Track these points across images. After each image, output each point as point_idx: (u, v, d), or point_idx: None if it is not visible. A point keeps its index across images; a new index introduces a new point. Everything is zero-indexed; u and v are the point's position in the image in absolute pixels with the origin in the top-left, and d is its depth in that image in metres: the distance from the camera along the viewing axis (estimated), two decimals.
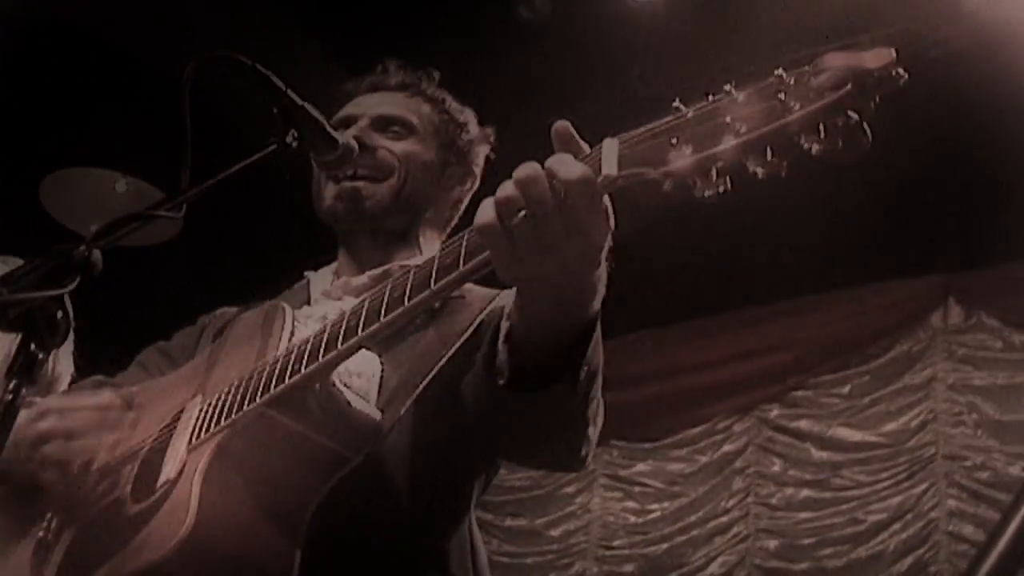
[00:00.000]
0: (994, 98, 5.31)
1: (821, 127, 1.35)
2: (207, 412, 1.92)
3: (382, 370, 1.99)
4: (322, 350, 1.77)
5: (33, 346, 1.61)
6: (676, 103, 1.47)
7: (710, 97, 1.45)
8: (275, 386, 1.80)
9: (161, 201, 1.87)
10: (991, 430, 6.49)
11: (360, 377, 1.96)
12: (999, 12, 5.14)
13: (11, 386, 1.59)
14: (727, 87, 1.44)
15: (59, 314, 1.63)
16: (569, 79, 5.78)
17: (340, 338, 1.76)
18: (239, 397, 1.86)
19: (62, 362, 2.90)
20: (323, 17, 5.72)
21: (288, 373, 1.80)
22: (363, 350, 1.86)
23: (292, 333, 1.97)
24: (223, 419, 1.85)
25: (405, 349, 2.02)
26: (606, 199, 1.54)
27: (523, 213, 1.51)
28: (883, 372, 6.87)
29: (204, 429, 1.89)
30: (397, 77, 2.53)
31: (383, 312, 1.72)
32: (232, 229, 6.37)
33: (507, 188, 1.53)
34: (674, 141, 1.43)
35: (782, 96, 1.37)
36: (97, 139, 5.91)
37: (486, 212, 1.54)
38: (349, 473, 1.86)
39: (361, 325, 1.74)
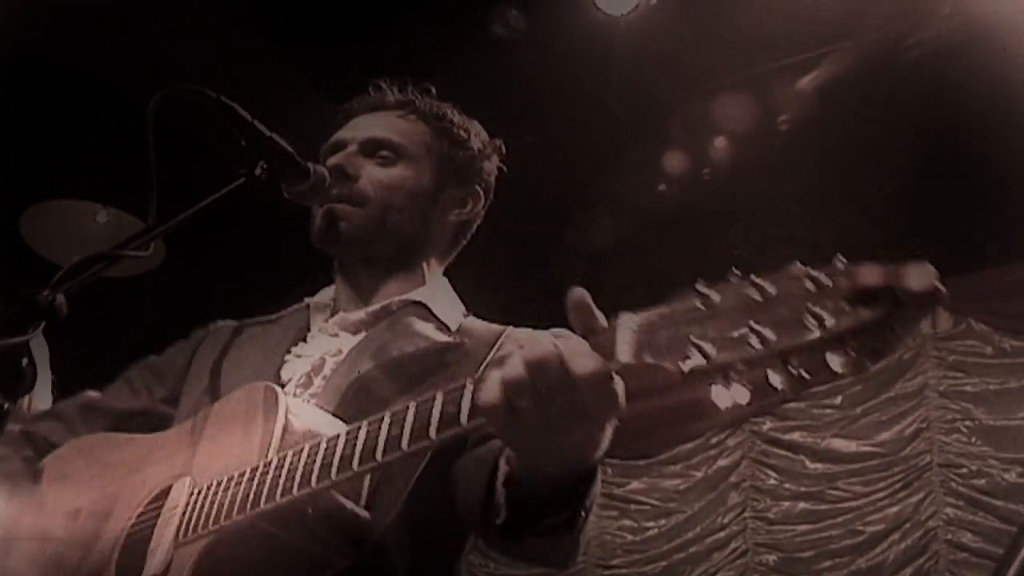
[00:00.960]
0: (982, 102, 5.29)
1: (850, 343, 1.25)
2: (195, 505, 1.87)
3: None
4: (315, 475, 1.72)
5: None
6: (699, 286, 1.37)
7: (739, 280, 1.35)
8: (267, 499, 1.75)
9: (130, 239, 1.83)
10: (985, 436, 6.46)
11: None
12: (987, 11, 5.12)
13: None
14: (754, 278, 1.33)
15: (24, 361, 1.59)
16: (547, 97, 5.76)
17: (333, 467, 1.71)
18: (229, 501, 1.81)
19: (39, 398, 2.85)
20: (300, 43, 5.69)
21: (280, 490, 1.75)
22: (332, 419, 1.87)
23: (285, 428, 1.89)
24: (211, 520, 1.81)
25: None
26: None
27: (530, 395, 1.47)
28: (874, 381, 6.84)
29: (192, 526, 1.84)
30: (393, 96, 2.48)
31: (379, 451, 1.66)
32: (218, 251, 6.34)
33: (516, 368, 1.47)
34: (694, 338, 1.34)
35: (814, 307, 1.26)
36: (77, 171, 5.88)
37: (492, 391, 1.50)
38: None
39: (357, 459, 1.69)
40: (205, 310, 2.63)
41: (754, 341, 1.30)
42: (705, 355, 1.33)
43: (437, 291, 2.35)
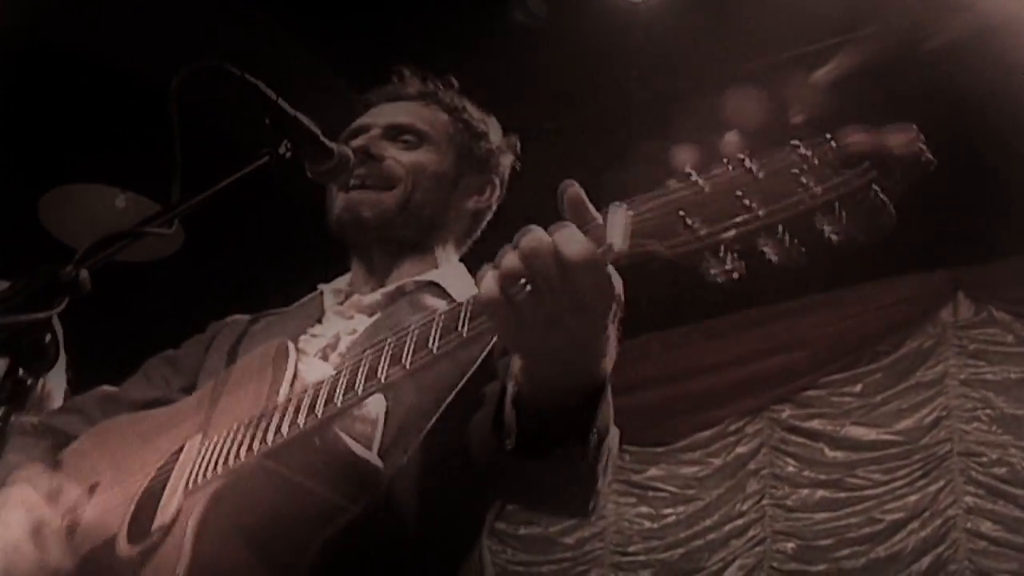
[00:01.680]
0: (1001, 91, 5.26)
1: (840, 209, 1.27)
2: (206, 454, 1.87)
3: (387, 407, 1.93)
4: (320, 405, 1.72)
5: (21, 371, 1.56)
6: (689, 171, 1.38)
7: (728, 164, 1.35)
8: (274, 437, 1.75)
9: (151, 217, 1.82)
10: (1006, 425, 6.43)
11: (363, 422, 1.90)
12: (1003, 4, 5.09)
13: (0, 413, 1.54)
14: (743, 157, 1.33)
15: (47, 337, 1.58)
16: (566, 82, 5.74)
17: (339, 392, 1.71)
18: (237, 444, 1.81)
19: (52, 380, 2.85)
20: (319, 29, 5.68)
21: (287, 425, 1.75)
22: None
23: (295, 376, 1.90)
24: (220, 465, 1.81)
25: (420, 381, 1.95)
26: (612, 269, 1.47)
27: (527, 286, 1.45)
28: (895, 369, 6.82)
29: (201, 473, 1.84)
30: (414, 86, 2.50)
31: (381, 371, 1.66)
32: (235, 241, 6.34)
33: (510, 260, 1.46)
34: (685, 215, 1.35)
35: (801, 176, 1.28)
36: (96, 155, 5.88)
37: (489, 284, 1.48)
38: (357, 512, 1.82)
39: (360, 383, 1.68)
40: (222, 298, 2.63)
41: (742, 213, 1.31)
42: (694, 232, 1.34)
43: (452, 273, 2.36)
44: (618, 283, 1.48)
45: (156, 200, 5.81)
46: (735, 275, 1.34)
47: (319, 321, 2.31)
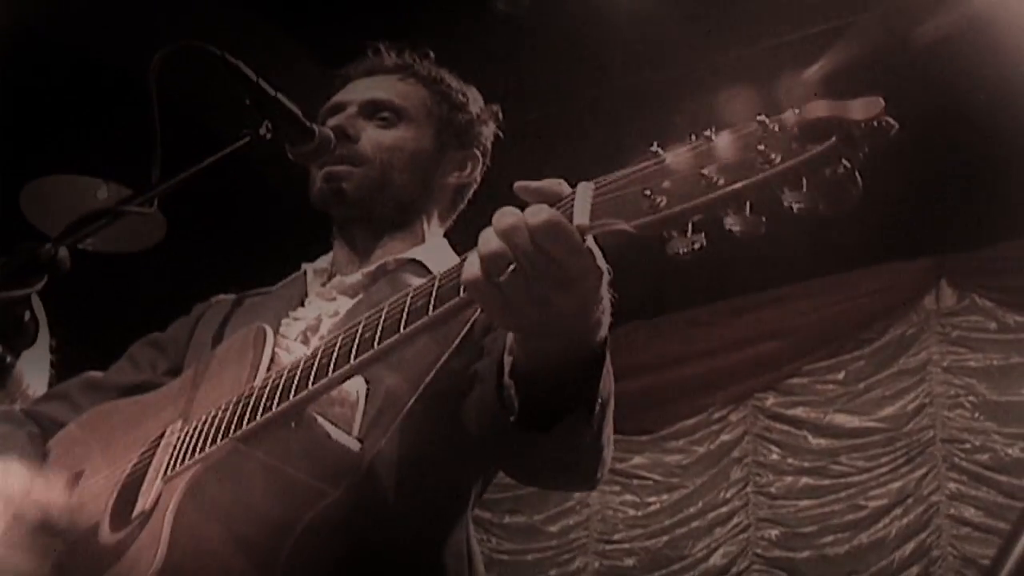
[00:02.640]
0: (985, 79, 5.27)
1: (803, 181, 1.26)
2: (185, 440, 1.87)
3: (367, 389, 1.93)
4: (294, 388, 1.72)
5: (1, 348, 1.56)
6: (654, 147, 1.38)
7: (692, 139, 1.35)
8: (248, 421, 1.75)
9: (131, 196, 1.82)
10: (989, 412, 6.46)
11: (341, 404, 1.89)
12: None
13: None
14: (707, 132, 1.33)
15: (27, 315, 1.57)
16: (550, 70, 5.73)
17: (311, 376, 1.71)
18: (214, 429, 1.81)
19: (35, 367, 2.84)
20: (298, 15, 5.67)
21: (261, 409, 1.74)
22: None
23: (272, 360, 1.90)
24: (198, 451, 1.81)
25: (400, 359, 1.94)
26: (591, 241, 1.46)
27: (510, 266, 1.45)
28: (878, 357, 6.83)
29: (180, 460, 1.84)
30: (391, 59, 2.45)
31: (353, 354, 1.66)
32: (218, 230, 6.33)
33: (491, 242, 1.44)
34: (648, 192, 1.34)
35: (763, 147, 1.27)
36: (77, 146, 5.86)
37: (472, 267, 1.47)
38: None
39: (332, 364, 1.68)
40: (205, 287, 2.62)
41: (704, 186, 1.30)
42: (656, 207, 1.33)
43: (435, 250, 2.33)
44: (598, 254, 1.48)
45: (138, 191, 5.79)
46: (696, 246, 1.34)
47: (301, 304, 2.29)
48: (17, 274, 1.58)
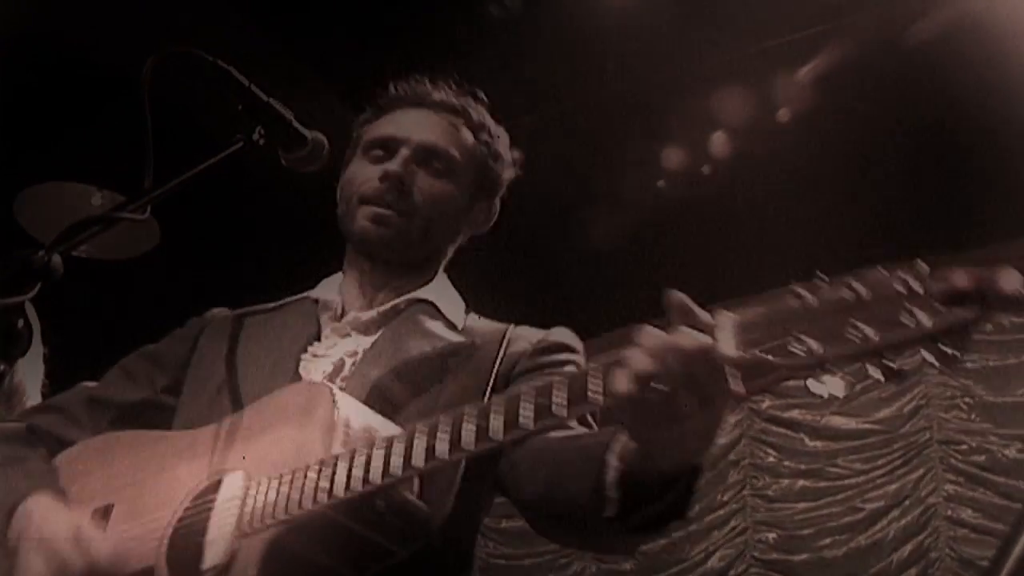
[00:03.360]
0: (972, 82, 5.28)
1: (941, 338, 1.37)
2: (257, 497, 1.89)
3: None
4: (400, 464, 1.77)
5: None
6: (793, 286, 1.48)
7: (827, 283, 1.46)
8: (344, 492, 1.79)
9: (125, 202, 1.81)
10: (985, 413, 6.46)
11: None
12: None
13: None
14: (850, 281, 1.44)
15: (20, 323, 1.56)
16: (543, 75, 5.73)
17: (414, 453, 1.77)
18: (297, 493, 1.83)
19: (30, 375, 2.82)
20: (290, 20, 5.66)
21: (357, 482, 1.79)
22: (384, 419, 1.93)
23: (347, 424, 1.92)
24: (277, 511, 1.84)
25: (425, 409, 2.03)
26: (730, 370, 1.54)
27: (658, 385, 1.54)
28: None
29: (256, 517, 1.86)
30: (444, 94, 2.47)
31: (468, 440, 1.72)
32: (212, 238, 6.33)
33: (644, 361, 1.55)
34: (793, 329, 1.45)
35: (908, 305, 1.37)
36: (72, 153, 5.85)
37: (622, 384, 1.56)
38: None
39: (441, 448, 1.74)
40: (199, 294, 2.61)
41: (856, 337, 1.40)
42: (810, 350, 1.43)
43: (442, 289, 2.41)
44: (736, 384, 1.57)
45: (132, 198, 5.78)
46: (838, 395, 1.49)
47: (317, 339, 2.30)
48: (10, 281, 1.57)
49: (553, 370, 2.09)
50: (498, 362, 2.12)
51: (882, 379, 1.42)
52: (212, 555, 1.88)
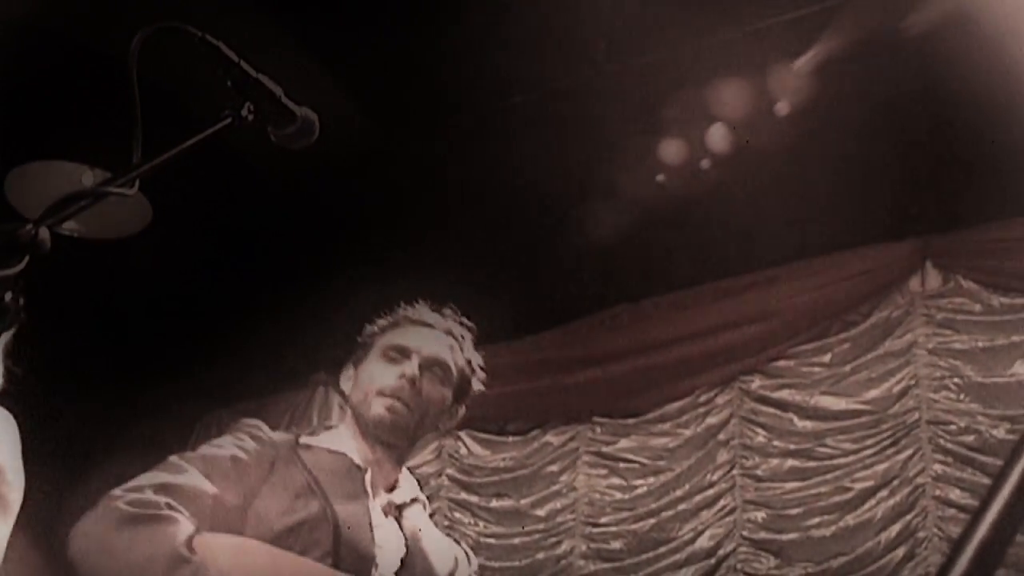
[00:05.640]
0: (970, 60, 5.29)
1: None
2: None
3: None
4: None
5: None
6: None
7: None
8: None
9: (112, 177, 1.81)
10: (974, 394, 6.46)
11: None
12: None
13: None
14: None
15: (7, 296, 1.57)
16: (533, 58, 5.72)
17: None
18: None
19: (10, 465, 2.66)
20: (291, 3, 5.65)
21: None
22: None
23: None
24: None
25: None
26: None
27: None
28: (863, 339, 6.84)
29: None
30: (445, 323, 3.13)
31: None
32: (204, 218, 6.32)
33: None
34: None
35: None
36: (62, 132, 5.85)
37: None
38: None
39: None
40: (189, 276, 2.62)
41: None
42: None
43: (412, 483, 3.08)
44: None
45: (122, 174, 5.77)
46: None
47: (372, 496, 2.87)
48: None
49: None
50: None
51: None
52: None
